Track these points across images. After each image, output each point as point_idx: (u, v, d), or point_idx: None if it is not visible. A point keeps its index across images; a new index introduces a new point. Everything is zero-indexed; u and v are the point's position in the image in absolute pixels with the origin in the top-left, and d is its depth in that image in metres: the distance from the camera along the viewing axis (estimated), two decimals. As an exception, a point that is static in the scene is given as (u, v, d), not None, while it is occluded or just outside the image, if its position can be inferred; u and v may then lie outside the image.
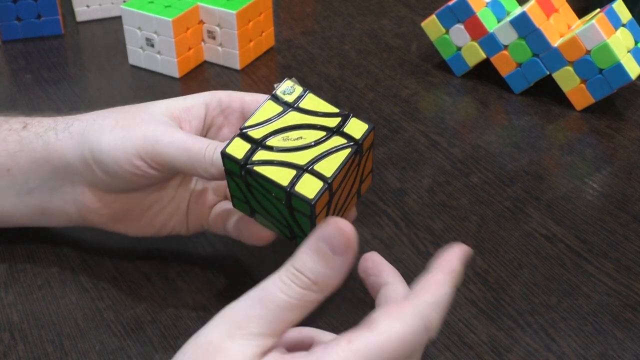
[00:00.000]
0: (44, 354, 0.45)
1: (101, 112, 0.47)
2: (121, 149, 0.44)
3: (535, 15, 0.67)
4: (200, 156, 0.42)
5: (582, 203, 0.57)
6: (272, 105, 0.41)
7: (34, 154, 0.47)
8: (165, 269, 0.51)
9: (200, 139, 0.43)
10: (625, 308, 0.48)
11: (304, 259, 0.33)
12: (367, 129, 0.40)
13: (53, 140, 0.47)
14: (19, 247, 0.52)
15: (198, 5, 0.73)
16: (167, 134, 0.44)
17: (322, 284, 0.33)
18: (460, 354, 0.45)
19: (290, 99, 0.41)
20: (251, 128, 0.40)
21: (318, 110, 0.41)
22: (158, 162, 0.44)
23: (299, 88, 0.42)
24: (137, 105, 0.47)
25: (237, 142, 0.40)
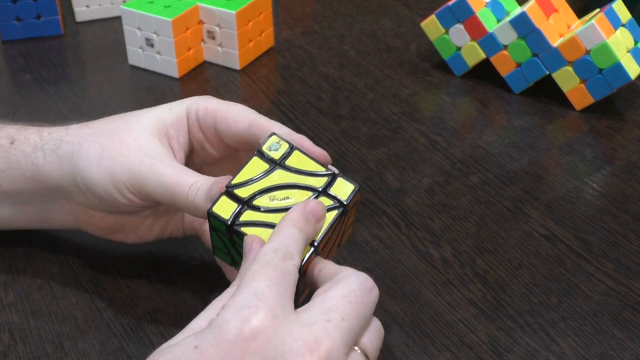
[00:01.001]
0: (44, 354, 0.45)
1: (87, 132, 0.46)
2: (110, 182, 0.44)
3: (534, 15, 0.67)
4: (184, 198, 0.42)
5: (582, 203, 0.57)
6: (259, 162, 0.41)
7: (23, 172, 0.47)
8: (165, 269, 0.51)
9: (184, 177, 0.42)
10: (624, 308, 0.48)
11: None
12: (353, 189, 0.40)
13: (41, 162, 0.46)
14: (19, 247, 0.52)
15: (198, 5, 0.73)
16: (151, 171, 0.43)
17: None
18: (460, 354, 0.45)
19: (276, 155, 0.41)
20: (238, 187, 0.40)
21: (305, 169, 0.41)
22: (145, 197, 0.44)
23: (284, 144, 0.41)
24: (126, 119, 0.46)
25: (224, 201, 0.40)
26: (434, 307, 0.48)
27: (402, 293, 0.49)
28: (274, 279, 0.34)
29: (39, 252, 0.52)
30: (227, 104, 0.46)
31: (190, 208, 0.42)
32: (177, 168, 0.43)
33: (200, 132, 0.47)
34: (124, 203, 0.44)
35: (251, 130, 0.44)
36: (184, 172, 0.43)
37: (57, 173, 0.46)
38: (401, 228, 0.54)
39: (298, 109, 0.69)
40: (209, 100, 0.47)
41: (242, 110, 0.45)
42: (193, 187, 0.42)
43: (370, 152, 0.63)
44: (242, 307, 0.33)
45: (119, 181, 0.43)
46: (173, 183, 0.42)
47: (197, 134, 0.47)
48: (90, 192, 0.45)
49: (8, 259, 0.51)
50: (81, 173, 0.45)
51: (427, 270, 0.51)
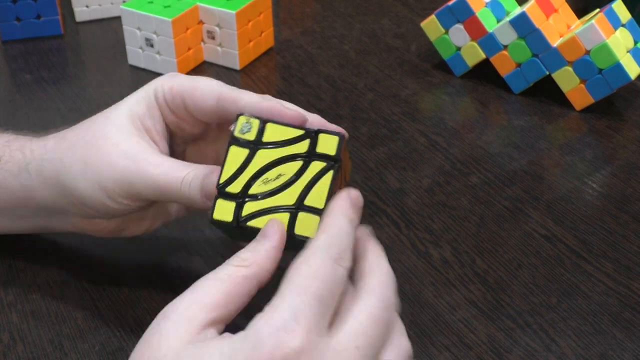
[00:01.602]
0: (43, 354, 0.45)
1: (65, 146, 0.44)
2: (102, 194, 0.43)
3: (534, 15, 0.67)
4: (177, 195, 0.41)
5: (582, 203, 0.57)
6: (237, 150, 0.39)
7: (14, 192, 0.46)
8: (165, 269, 0.51)
9: (172, 173, 0.41)
10: (624, 308, 0.48)
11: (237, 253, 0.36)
12: (337, 141, 0.39)
13: (29, 184, 0.45)
14: (19, 247, 0.52)
15: (197, 5, 0.73)
16: (138, 174, 0.42)
17: (250, 259, 0.36)
18: (460, 354, 0.45)
19: (251, 136, 0.39)
20: (228, 184, 0.39)
21: (284, 139, 0.39)
22: (139, 199, 0.43)
23: (254, 121, 0.40)
24: (98, 122, 0.44)
25: (221, 204, 0.39)
26: (434, 307, 0.48)
27: (402, 293, 0.49)
28: (319, 294, 0.33)
29: (39, 252, 0.52)
30: (191, 81, 0.44)
31: (187, 202, 0.42)
32: (164, 165, 0.42)
33: (173, 114, 0.45)
34: (121, 209, 0.44)
35: (220, 105, 0.43)
36: (171, 168, 0.42)
37: (48, 193, 0.45)
38: (401, 228, 0.54)
39: (298, 109, 0.69)
40: (173, 79, 0.45)
41: (208, 86, 0.44)
42: (184, 182, 0.41)
43: (370, 152, 0.63)
44: (279, 329, 0.32)
45: (109, 191, 0.43)
46: (163, 182, 0.41)
47: (170, 117, 0.45)
48: (85, 206, 0.44)
49: (8, 259, 0.51)
50: (71, 191, 0.44)
51: (427, 270, 0.51)
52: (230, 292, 0.34)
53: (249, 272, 0.35)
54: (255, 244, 0.37)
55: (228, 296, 0.34)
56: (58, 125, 0.67)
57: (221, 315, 0.34)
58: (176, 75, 0.45)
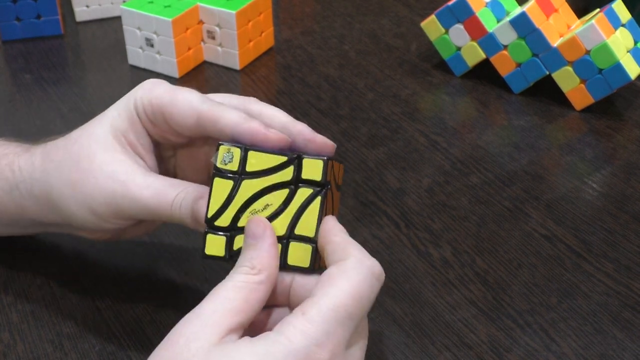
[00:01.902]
0: (44, 354, 0.45)
1: (52, 167, 0.43)
2: (93, 216, 0.42)
3: (534, 15, 0.67)
4: (169, 217, 0.41)
5: (582, 203, 0.57)
6: (222, 182, 0.38)
7: (9, 208, 0.46)
8: (165, 269, 0.51)
9: (162, 196, 0.40)
10: (624, 308, 0.48)
11: (240, 259, 0.37)
12: (322, 165, 0.38)
13: (21, 202, 0.45)
14: (19, 247, 0.52)
15: (198, 5, 0.73)
16: (127, 198, 0.41)
17: (259, 265, 0.36)
18: (460, 354, 0.45)
19: (234, 166, 0.38)
20: (215, 218, 0.39)
21: (268, 167, 0.38)
22: (130, 219, 0.43)
23: (236, 150, 0.38)
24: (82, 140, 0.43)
25: (211, 239, 0.39)
26: (434, 307, 0.48)
27: (402, 293, 0.49)
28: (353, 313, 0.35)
29: (39, 252, 0.52)
30: (170, 95, 0.41)
31: (178, 223, 0.41)
32: (152, 185, 0.41)
33: (155, 127, 0.43)
34: (114, 227, 0.44)
35: (201, 125, 0.41)
36: (160, 190, 0.41)
37: (42, 211, 0.45)
38: (401, 228, 0.54)
39: (298, 109, 0.69)
40: (151, 92, 0.42)
41: (187, 102, 0.41)
42: (175, 205, 0.40)
43: (370, 152, 0.63)
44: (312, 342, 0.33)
45: (100, 213, 0.42)
46: (153, 205, 0.41)
47: (152, 129, 0.43)
48: (79, 226, 0.44)
49: (8, 259, 0.51)
50: (62, 212, 0.43)
51: (427, 270, 0.51)
52: (248, 298, 0.35)
53: (262, 277, 0.36)
54: (254, 248, 0.37)
55: (247, 302, 0.35)
56: (58, 125, 0.67)
57: (242, 320, 0.35)
58: (156, 84, 0.43)
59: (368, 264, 0.36)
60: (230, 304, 0.35)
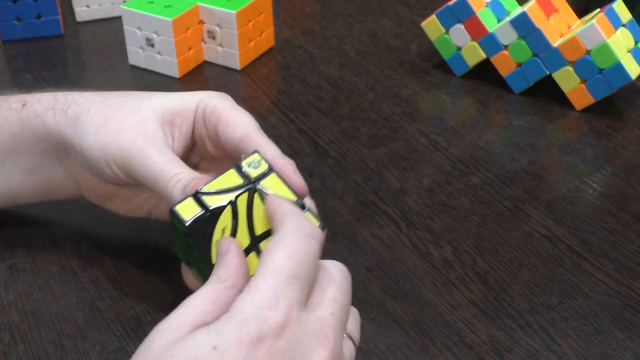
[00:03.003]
0: (44, 354, 0.45)
1: (99, 99, 0.47)
2: (101, 154, 0.45)
3: (535, 15, 0.67)
4: (163, 187, 0.43)
5: (582, 203, 0.57)
6: (234, 175, 0.39)
7: (34, 133, 0.48)
8: (165, 269, 0.51)
9: (169, 166, 0.43)
10: (625, 308, 0.48)
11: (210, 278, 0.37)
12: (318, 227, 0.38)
13: (51, 121, 0.48)
14: (19, 247, 0.52)
15: (198, 5, 0.73)
16: (141, 153, 0.44)
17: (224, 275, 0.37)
18: (460, 354, 0.45)
19: (254, 173, 0.40)
20: (207, 194, 0.39)
21: (277, 194, 0.39)
22: (129, 175, 0.45)
23: (264, 164, 0.40)
24: (138, 97, 0.47)
25: (189, 202, 0.39)
26: (434, 307, 0.48)
27: (402, 293, 0.49)
28: (295, 272, 0.35)
29: (39, 252, 0.52)
30: (234, 109, 0.46)
31: (167, 198, 0.42)
32: (167, 156, 0.44)
33: (204, 127, 0.47)
34: (107, 174, 0.45)
35: (243, 143, 0.44)
36: (171, 162, 0.43)
37: (64, 131, 0.47)
38: (401, 228, 0.54)
39: (298, 109, 0.69)
40: (221, 99, 0.47)
41: (244, 121, 0.46)
42: (174, 178, 0.42)
43: (371, 152, 0.63)
44: (262, 307, 0.33)
45: (109, 154, 0.44)
46: (158, 170, 0.43)
47: (200, 128, 0.47)
48: (83, 156, 0.46)
49: (8, 259, 0.51)
50: (80, 137, 0.46)
51: (428, 270, 0.51)
52: (215, 300, 0.36)
53: (227, 284, 0.37)
54: (220, 263, 0.38)
55: (214, 304, 0.35)
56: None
57: (207, 319, 0.35)
58: (227, 97, 0.48)
59: (298, 226, 0.37)
60: (196, 307, 0.35)
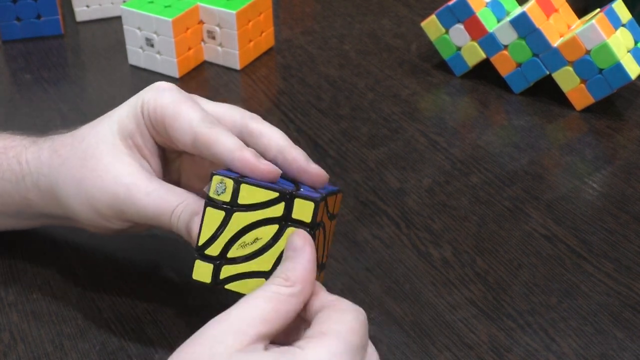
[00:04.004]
0: (44, 354, 0.45)
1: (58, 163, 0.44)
2: (95, 214, 0.43)
3: (535, 15, 0.67)
4: (168, 227, 0.41)
5: (582, 203, 0.57)
6: (214, 212, 0.38)
7: (14, 200, 0.46)
8: (165, 269, 0.51)
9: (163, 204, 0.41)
10: (625, 308, 0.48)
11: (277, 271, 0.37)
12: (313, 207, 0.38)
13: (27, 195, 0.46)
14: (19, 247, 0.52)
15: (198, 5, 0.73)
16: (128, 202, 0.41)
17: (293, 277, 0.36)
18: (460, 354, 0.45)
19: (226, 197, 0.38)
20: (206, 246, 0.39)
21: (259, 202, 0.38)
22: (132, 222, 0.43)
23: (229, 181, 0.38)
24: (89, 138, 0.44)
25: (199, 265, 0.39)
26: (434, 307, 0.48)
27: (402, 293, 0.49)
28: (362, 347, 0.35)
29: (39, 252, 0.52)
30: (173, 108, 0.42)
31: (177, 233, 0.41)
32: (154, 193, 0.41)
33: (158, 135, 0.44)
34: (117, 228, 0.44)
35: (197, 147, 0.41)
36: (162, 198, 0.41)
37: (48, 205, 0.45)
38: (401, 228, 0.54)
39: (298, 109, 0.69)
40: (158, 99, 0.42)
41: (187, 121, 0.41)
42: (174, 216, 0.41)
43: (371, 152, 0.63)
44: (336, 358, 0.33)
45: (102, 213, 0.43)
46: (153, 213, 0.41)
47: (156, 136, 0.44)
48: (82, 223, 0.45)
49: (8, 259, 0.51)
50: (67, 209, 0.44)
51: (427, 270, 0.51)
52: (278, 309, 0.35)
53: (295, 290, 0.36)
54: (291, 260, 0.37)
55: (277, 312, 0.35)
56: (58, 125, 0.67)
57: (268, 330, 0.34)
58: (163, 91, 0.43)
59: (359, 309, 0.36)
60: (258, 312, 0.34)
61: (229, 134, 0.40)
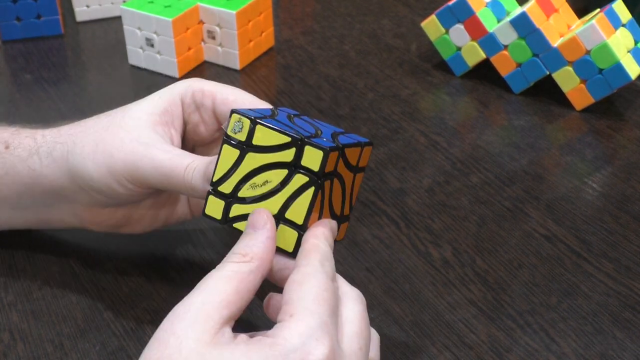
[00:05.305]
0: (44, 354, 0.45)
1: (79, 130, 0.46)
2: (108, 175, 0.44)
3: (535, 15, 0.67)
4: (180, 181, 0.42)
5: (582, 203, 0.57)
6: (229, 150, 0.40)
7: (21, 178, 0.47)
8: (165, 269, 0.51)
9: (178, 160, 0.42)
10: (625, 308, 0.48)
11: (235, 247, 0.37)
12: (321, 156, 0.38)
13: (38, 167, 0.46)
14: (19, 247, 0.52)
15: (198, 5, 0.73)
16: (145, 157, 0.43)
17: (251, 254, 0.37)
18: (460, 354, 0.45)
19: (242, 137, 0.39)
20: (220, 183, 0.40)
21: (272, 144, 0.39)
22: (144, 185, 0.44)
23: (246, 121, 0.39)
24: (116, 114, 0.46)
25: (212, 200, 0.40)
26: (434, 307, 0.48)
27: (402, 293, 0.49)
28: (333, 306, 0.35)
29: (39, 252, 0.52)
30: (221, 86, 0.46)
31: (188, 190, 0.42)
32: (171, 152, 0.43)
33: (197, 113, 0.47)
34: (124, 194, 0.44)
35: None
36: (178, 155, 0.43)
37: (57, 176, 0.46)
38: (401, 228, 0.54)
39: (298, 109, 0.69)
40: (201, 82, 0.47)
41: (244, 96, 0.46)
42: (188, 169, 0.42)
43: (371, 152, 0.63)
44: (309, 337, 0.33)
45: (116, 172, 0.43)
46: (168, 167, 0.42)
47: (193, 115, 0.47)
48: (91, 189, 0.45)
49: (8, 259, 0.51)
50: (78, 171, 0.44)
51: (427, 270, 0.51)
52: (239, 288, 0.35)
53: (253, 266, 0.36)
54: (250, 237, 0.38)
55: (238, 293, 0.35)
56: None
57: (232, 312, 0.35)
58: (202, 79, 0.47)
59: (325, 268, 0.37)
60: (220, 296, 0.35)
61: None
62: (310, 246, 0.38)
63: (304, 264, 0.37)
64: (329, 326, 0.34)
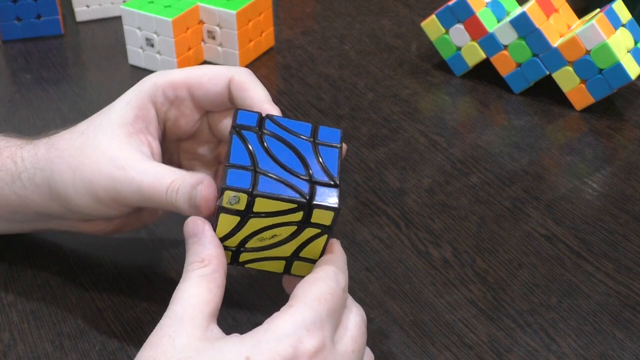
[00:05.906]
0: (44, 354, 0.45)
1: (54, 155, 0.44)
2: (92, 201, 0.43)
3: (535, 15, 0.67)
4: (164, 203, 0.41)
5: (582, 203, 0.57)
6: (228, 218, 0.38)
7: (9, 201, 0.46)
8: (165, 269, 0.51)
9: (158, 180, 0.41)
10: (624, 308, 0.48)
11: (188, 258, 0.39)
12: (333, 215, 0.37)
13: (23, 193, 0.45)
14: (19, 247, 0.52)
15: (198, 5, 0.73)
16: (124, 182, 0.41)
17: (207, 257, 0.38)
18: (460, 354, 0.45)
19: (241, 207, 0.37)
20: (223, 240, 0.39)
21: (276, 210, 0.37)
22: (129, 205, 0.43)
23: (242, 195, 0.37)
24: (89, 132, 0.44)
25: None
26: (434, 307, 0.48)
27: (402, 293, 0.49)
28: (333, 308, 0.37)
29: (39, 252, 0.52)
30: (189, 71, 0.45)
31: (174, 210, 0.41)
32: (150, 171, 0.41)
33: (173, 109, 0.45)
34: (115, 213, 0.44)
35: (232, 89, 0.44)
36: (156, 175, 0.41)
37: (43, 200, 0.45)
38: (401, 228, 0.54)
39: (298, 109, 0.69)
40: (166, 75, 0.45)
41: (215, 69, 0.44)
42: (170, 190, 0.40)
43: (370, 152, 0.63)
44: (302, 327, 0.35)
45: (99, 197, 0.42)
46: (147, 190, 0.41)
47: (169, 112, 0.45)
48: (79, 212, 0.44)
49: (8, 259, 0.51)
50: (62, 198, 0.44)
51: (427, 270, 0.51)
52: (210, 287, 0.37)
53: (213, 266, 0.38)
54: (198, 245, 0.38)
55: (210, 291, 0.37)
56: (58, 125, 0.67)
57: (212, 308, 0.36)
58: (168, 71, 0.46)
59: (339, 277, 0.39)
60: (198, 298, 0.36)
61: (262, 85, 0.44)
62: (328, 259, 0.40)
63: (319, 270, 0.38)
64: (324, 324, 0.35)
